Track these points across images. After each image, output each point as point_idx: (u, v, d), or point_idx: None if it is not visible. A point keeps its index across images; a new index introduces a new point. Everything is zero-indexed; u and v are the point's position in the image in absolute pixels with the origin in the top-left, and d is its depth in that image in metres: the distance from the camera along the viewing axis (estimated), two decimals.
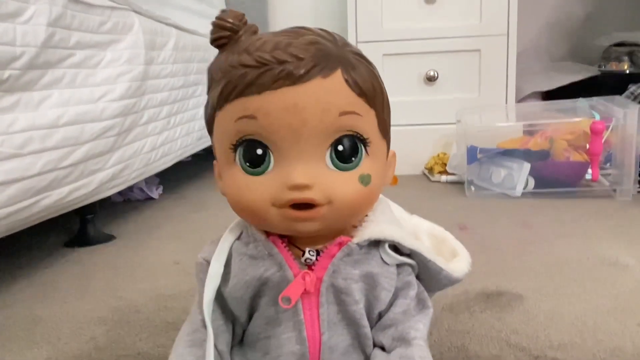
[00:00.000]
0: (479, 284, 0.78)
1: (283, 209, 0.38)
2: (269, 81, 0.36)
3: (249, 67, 0.37)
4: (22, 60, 0.74)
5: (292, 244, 0.43)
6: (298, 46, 0.37)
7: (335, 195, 0.38)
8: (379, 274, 0.43)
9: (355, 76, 0.38)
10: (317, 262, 0.42)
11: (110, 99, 0.96)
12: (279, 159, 0.38)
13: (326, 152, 0.39)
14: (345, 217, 0.41)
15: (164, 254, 1.00)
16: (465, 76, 1.70)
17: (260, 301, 0.43)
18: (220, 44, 0.41)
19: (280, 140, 0.38)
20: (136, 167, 1.10)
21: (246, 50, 0.38)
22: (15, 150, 0.72)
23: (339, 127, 0.38)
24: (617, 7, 2.09)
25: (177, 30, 1.34)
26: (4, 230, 0.76)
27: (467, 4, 1.67)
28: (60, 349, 0.64)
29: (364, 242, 0.42)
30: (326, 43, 0.38)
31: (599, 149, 1.31)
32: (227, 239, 0.44)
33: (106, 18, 0.97)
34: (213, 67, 0.41)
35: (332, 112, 0.37)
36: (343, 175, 0.39)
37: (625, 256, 0.88)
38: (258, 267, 0.42)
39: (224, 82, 0.38)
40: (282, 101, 0.37)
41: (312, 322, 0.42)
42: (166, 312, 0.73)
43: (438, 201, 1.37)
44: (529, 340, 0.62)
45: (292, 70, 0.36)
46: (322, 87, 0.37)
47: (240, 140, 0.39)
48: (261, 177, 0.39)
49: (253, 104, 0.37)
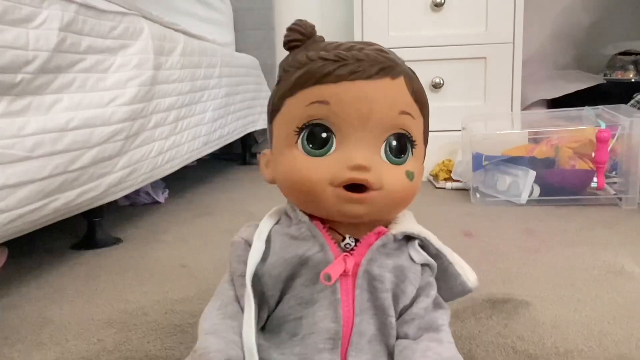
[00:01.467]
0: (485, 290, 0.78)
1: (338, 188, 0.42)
2: (346, 73, 0.41)
3: (328, 61, 0.42)
4: (34, 65, 0.75)
5: (333, 229, 0.45)
6: (371, 50, 0.43)
7: (387, 183, 0.42)
8: (407, 268, 0.46)
9: (414, 85, 0.44)
10: (355, 249, 0.45)
11: (120, 103, 0.97)
12: (341, 143, 0.42)
13: (382, 144, 0.43)
14: (390, 206, 0.45)
15: (171, 257, 1.00)
16: (470, 84, 1.70)
17: (295, 282, 0.44)
18: (292, 46, 0.46)
19: (347, 126, 0.42)
20: (143, 171, 1.11)
21: (324, 48, 0.43)
22: (26, 153, 0.73)
23: (396, 124, 0.43)
24: (622, 16, 2.10)
25: (185, 36, 1.36)
26: (13, 232, 0.77)
27: (473, 12, 1.68)
28: (68, 350, 0.65)
29: (400, 234, 0.45)
30: (392, 55, 0.44)
31: (605, 157, 1.31)
32: (267, 223, 0.47)
33: (117, 23, 0.98)
34: (287, 61, 0.46)
35: (394, 108, 0.43)
36: (393, 167, 0.43)
37: (630, 264, 0.89)
38: (300, 246, 0.44)
39: (302, 71, 0.43)
40: (355, 91, 0.41)
41: (348, 303, 0.44)
42: (173, 315, 0.73)
43: (443, 208, 1.37)
44: (535, 346, 0.62)
45: (367, 68, 0.42)
46: (389, 86, 0.42)
47: (307, 123, 0.43)
48: (322, 158, 0.42)
49: (328, 91, 0.42)
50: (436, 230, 0.52)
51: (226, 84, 1.68)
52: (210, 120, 1.54)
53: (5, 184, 0.69)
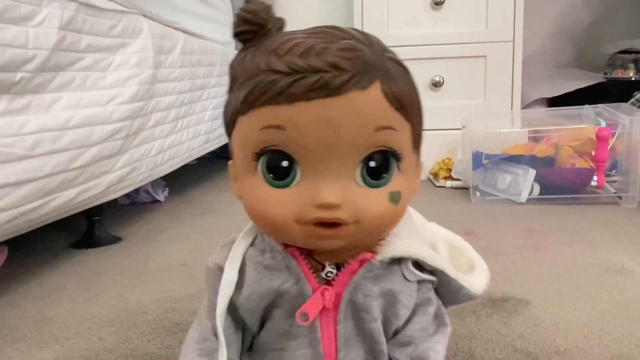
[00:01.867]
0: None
1: (307, 225, 0.36)
2: (302, 91, 0.33)
3: (279, 74, 0.34)
4: (33, 63, 0.75)
5: (311, 256, 0.41)
6: (334, 52, 0.34)
7: (364, 215, 0.36)
8: (399, 291, 0.41)
9: (394, 88, 0.35)
10: (337, 277, 0.40)
11: (119, 102, 0.97)
12: (306, 173, 0.36)
13: (357, 168, 0.36)
14: (371, 236, 0.39)
15: (171, 256, 1.00)
16: (470, 82, 1.70)
17: (274, 312, 0.41)
18: (244, 38, 0.38)
19: (309, 154, 0.35)
20: (143, 169, 1.11)
21: (275, 52, 0.35)
22: (26, 152, 0.73)
23: (373, 143, 0.35)
24: (622, 15, 2.10)
25: (185, 34, 1.35)
26: (13, 231, 0.77)
27: (473, 11, 1.67)
28: (69, 348, 0.65)
29: (386, 259, 0.40)
30: (364, 49, 0.35)
31: (605, 155, 1.31)
32: (240, 245, 0.42)
33: (116, 22, 0.98)
34: (237, 65, 0.38)
35: (368, 127, 0.35)
36: (373, 192, 0.36)
37: (630, 263, 0.89)
38: (274, 278, 0.40)
39: (250, 86, 0.35)
40: (316, 114, 0.34)
41: (329, 338, 0.41)
42: (173, 314, 0.73)
43: (443, 206, 1.37)
44: (535, 345, 0.62)
45: (328, 81, 0.33)
46: (359, 100, 0.34)
47: (264, 150, 0.36)
48: (285, 190, 0.36)
49: (282, 114, 0.34)
50: None
51: (226, 82, 1.68)
52: (210, 118, 1.54)
53: (5, 183, 0.69)
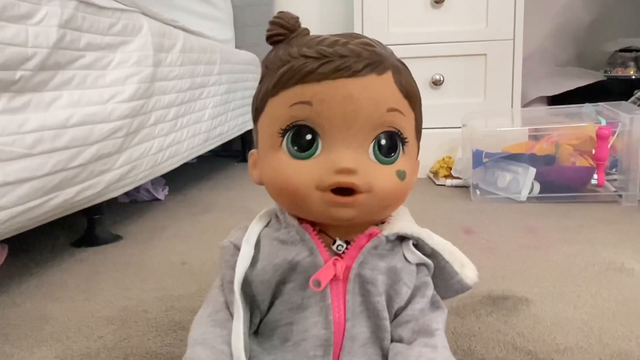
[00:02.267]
0: (485, 287, 0.78)
1: (325, 192, 0.40)
2: (329, 71, 0.39)
3: (310, 58, 0.40)
4: (33, 62, 0.75)
5: (323, 232, 0.44)
6: (356, 44, 0.40)
7: (376, 185, 0.40)
8: (401, 269, 0.44)
9: (402, 80, 0.42)
10: (346, 252, 0.44)
11: (119, 100, 0.97)
12: (327, 145, 0.41)
13: (370, 144, 0.41)
14: (380, 208, 0.43)
15: (171, 254, 1.00)
16: (471, 80, 1.70)
17: (285, 287, 0.44)
18: (275, 40, 0.44)
19: (331, 127, 0.40)
20: (143, 168, 1.11)
21: (306, 44, 0.41)
22: (26, 150, 0.73)
23: (385, 122, 0.41)
24: (623, 13, 2.09)
25: (185, 32, 1.35)
26: (13, 230, 0.77)
27: (473, 9, 1.67)
28: (69, 347, 0.65)
29: (392, 235, 0.44)
30: (378, 47, 0.42)
31: (605, 154, 1.31)
32: (256, 225, 0.46)
33: (116, 20, 0.98)
34: (269, 58, 0.44)
35: (381, 106, 0.40)
36: (383, 167, 0.41)
37: (630, 261, 0.89)
38: (289, 251, 0.43)
39: (283, 70, 0.41)
40: (339, 90, 0.39)
41: (339, 308, 0.43)
42: (173, 312, 0.73)
43: (443, 205, 1.37)
44: (535, 343, 0.62)
45: (351, 65, 0.39)
46: (375, 83, 0.40)
47: (290, 125, 0.41)
48: (307, 161, 0.41)
49: (311, 90, 0.40)
50: (436, 227, 0.52)
51: (226, 80, 1.68)
52: (210, 117, 1.54)
53: (5, 181, 0.69)
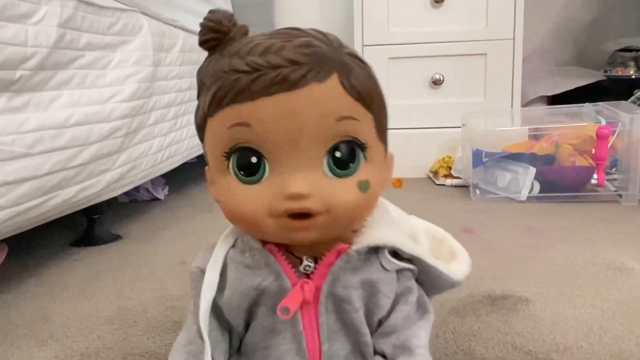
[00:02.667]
0: (484, 287, 0.78)
1: (280, 218, 0.37)
2: (263, 87, 0.35)
3: (241, 73, 0.36)
4: (33, 61, 0.75)
5: (289, 252, 0.42)
6: (292, 49, 0.36)
7: (334, 204, 0.37)
8: (378, 280, 0.42)
9: (352, 80, 0.37)
10: (315, 271, 0.41)
11: (119, 100, 0.97)
12: (275, 167, 0.37)
13: (323, 159, 0.37)
14: (343, 225, 0.40)
15: (170, 254, 1.00)
16: (471, 80, 1.70)
17: (258, 310, 0.42)
18: (209, 46, 0.39)
19: (276, 148, 0.36)
20: (143, 167, 1.11)
21: (237, 53, 0.37)
22: (25, 150, 0.73)
23: (337, 133, 0.37)
24: (623, 13, 2.09)
25: (185, 32, 1.35)
26: (13, 229, 0.77)
27: (473, 8, 1.67)
28: (69, 347, 0.65)
29: (362, 249, 0.41)
30: (321, 45, 0.37)
31: (605, 154, 1.31)
32: (221, 247, 0.43)
33: (115, 20, 0.98)
34: (202, 71, 0.40)
35: (329, 118, 0.36)
36: (341, 182, 0.38)
37: (630, 261, 0.89)
38: (255, 276, 0.41)
39: (215, 87, 0.37)
40: (278, 108, 0.35)
41: (312, 332, 0.41)
42: (173, 312, 0.73)
43: (443, 205, 1.37)
44: (534, 343, 0.62)
45: (287, 75, 0.35)
46: (318, 92, 0.36)
47: (233, 148, 0.37)
48: (256, 186, 0.38)
49: (246, 110, 0.36)
50: None
51: None
52: None
53: (4, 181, 0.69)
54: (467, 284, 0.78)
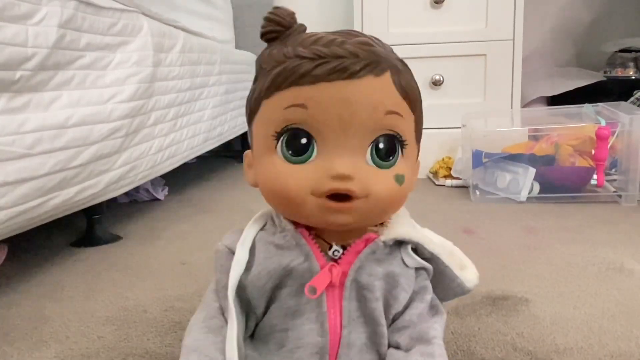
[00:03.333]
0: (484, 287, 0.78)
1: (321, 198, 0.39)
2: (325, 73, 0.38)
3: (305, 59, 0.38)
4: (33, 62, 0.75)
5: (319, 236, 0.43)
6: (353, 44, 0.39)
7: (373, 190, 0.39)
8: (399, 274, 0.44)
9: (402, 80, 0.40)
10: (343, 257, 0.43)
11: (119, 100, 0.97)
12: (323, 149, 0.39)
13: (367, 148, 0.40)
14: (378, 213, 0.42)
15: (170, 254, 1.00)
16: (470, 81, 1.70)
17: (281, 292, 0.43)
18: (270, 37, 0.42)
19: (327, 131, 0.39)
20: (143, 168, 1.11)
21: (301, 43, 0.39)
22: (25, 150, 0.73)
23: (383, 126, 0.40)
24: (622, 13, 2.09)
25: (185, 32, 1.35)
26: (13, 230, 0.77)
27: (473, 9, 1.67)
28: (69, 347, 0.65)
29: (390, 240, 0.43)
30: (377, 46, 0.40)
31: (605, 154, 1.31)
32: (251, 229, 0.45)
33: (116, 20, 0.98)
34: (263, 57, 0.42)
35: (379, 109, 0.39)
36: (380, 172, 0.40)
37: (630, 261, 0.89)
38: (284, 256, 0.42)
39: (277, 71, 0.39)
40: (335, 93, 0.38)
41: (335, 315, 0.42)
42: (173, 312, 0.73)
43: (443, 205, 1.37)
44: (534, 344, 0.62)
45: (347, 66, 0.38)
46: (373, 85, 0.39)
47: (285, 128, 0.40)
48: (303, 165, 0.40)
49: (305, 93, 0.38)
50: (436, 227, 0.52)
51: (226, 81, 1.68)
52: (209, 117, 1.54)
53: (4, 181, 0.69)
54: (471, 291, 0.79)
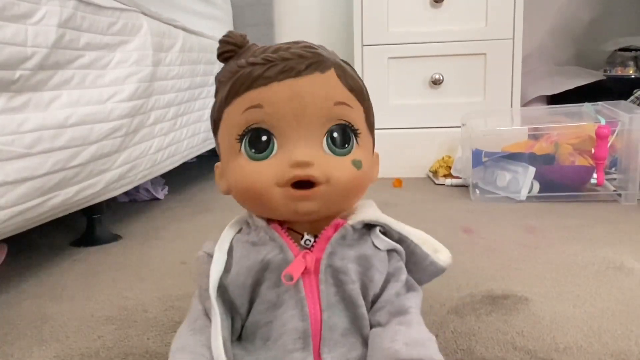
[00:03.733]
0: (484, 286, 0.78)
1: (285, 188, 0.42)
2: (275, 74, 0.42)
3: (256, 65, 0.43)
4: (32, 61, 0.75)
5: (291, 229, 0.46)
6: (298, 48, 0.44)
7: (333, 175, 0.43)
8: (372, 255, 0.46)
9: (346, 76, 0.45)
10: (315, 245, 0.45)
11: (119, 99, 0.97)
12: (282, 143, 0.43)
13: (323, 138, 0.44)
14: (341, 198, 0.45)
15: (170, 253, 1.00)
16: (470, 80, 1.70)
17: (261, 288, 0.45)
18: (226, 57, 0.47)
19: (284, 126, 0.43)
20: (143, 167, 1.11)
21: (252, 54, 0.44)
22: (25, 150, 0.73)
23: (334, 115, 0.44)
24: (622, 12, 2.09)
25: (184, 32, 1.35)
26: (12, 229, 0.77)
27: (472, 8, 1.67)
28: (69, 346, 0.65)
29: (357, 223, 0.46)
30: (320, 50, 0.45)
31: (605, 153, 1.31)
32: (228, 232, 0.48)
33: (115, 19, 0.98)
34: (221, 73, 0.47)
35: (328, 100, 0.43)
36: (338, 159, 0.44)
37: (630, 260, 0.89)
38: (260, 251, 0.45)
39: (234, 80, 0.44)
40: (286, 91, 0.42)
41: (314, 300, 0.44)
42: (173, 312, 0.73)
43: (443, 204, 1.37)
44: (534, 343, 0.62)
45: (294, 66, 0.42)
46: (320, 80, 0.43)
47: (246, 129, 0.43)
48: (266, 161, 0.43)
49: (260, 94, 0.42)
50: (435, 226, 0.52)
51: None
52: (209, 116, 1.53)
53: (4, 181, 0.69)
54: (467, 283, 0.79)
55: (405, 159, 1.70)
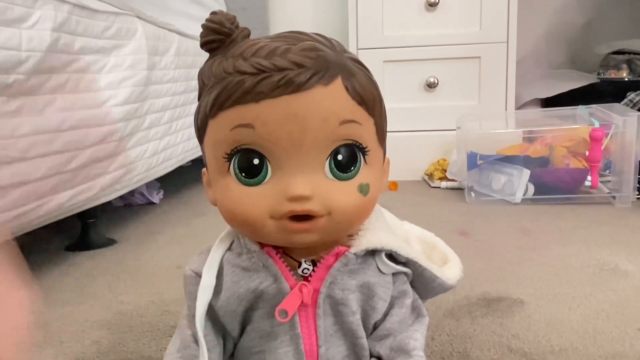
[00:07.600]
0: (480, 289, 0.78)
1: (281, 220, 0.37)
2: (268, 89, 0.35)
3: (246, 74, 0.35)
4: (27, 65, 0.75)
5: (287, 254, 0.41)
6: (297, 52, 0.35)
7: (335, 206, 0.37)
8: (375, 283, 0.42)
9: (355, 84, 0.37)
10: (313, 273, 0.41)
11: (113, 103, 0.97)
12: (277, 169, 0.37)
13: (325, 161, 0.37)
14: (343, 228, 0.40)
15: (165, 258, 1.00)
16: (465, 83, 1.71)
17: (254, 314, 0.41)
18: (211, 47, 0.39)
19: (279, 150, 0.36)
20: (138, 171, 1.10)
21: (241, 55, 0.36)
22: (20, 154, 0.73)
23: (339, 136, 0.37)
24: (616, 15, 2.11)
25: (179, 36, 1.35)
26: (7, 234, 0.76)
27: (467, 12, 1.68)
28: (63, 352, 0.65)
29: (361, 252, 0.41)
30: (325, 49, 0.37)
31: (599, 156, 1.32)
32: (217, 250, 0.43)
33: (110, 23, 0.98)
34: (204, 72, 0.39)
35: (332, 121, 0.36)
36: (342, 185, 0.38)
37: (624, 262, 0.89)
38: (252, 279, 0.41)
39: (219, 89, 0.36)
40: (282, 110, 0.35)
41: (310, 335, 0.41)
42: (168, 316, 0.73)
43: (438, 207, 1.38)
44: (530, 345, 0.62)
45: (292, 78, 0.35)
46: (322, 95, 0.35)
47: (235, 149, 0.37)
48: (257, 187, 0.37)
49: (250, 112, 0.35)
50: (431, 229, 0.52)
51: None
52: None
53: None
54: (462, 286, 0.79)
55: (400, 162, 1.69)
